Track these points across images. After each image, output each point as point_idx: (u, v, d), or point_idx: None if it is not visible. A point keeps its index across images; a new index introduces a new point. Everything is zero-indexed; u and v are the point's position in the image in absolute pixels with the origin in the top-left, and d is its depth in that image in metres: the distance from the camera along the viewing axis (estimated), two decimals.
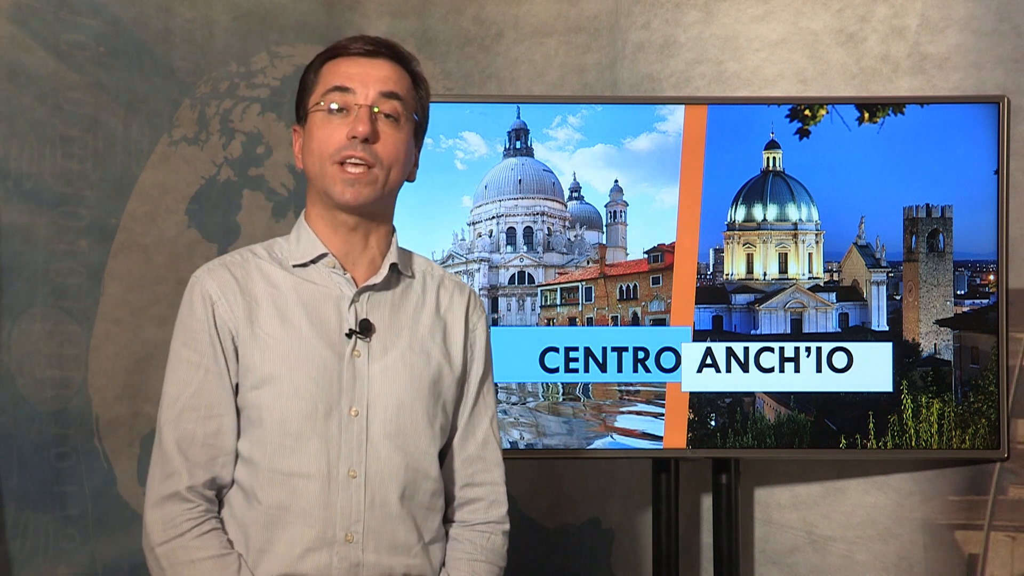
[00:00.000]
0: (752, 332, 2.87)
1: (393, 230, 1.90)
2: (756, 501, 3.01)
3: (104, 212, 2.74)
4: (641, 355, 2.84)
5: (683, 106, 2.83)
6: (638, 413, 2.87)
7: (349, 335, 1.80)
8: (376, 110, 1.78)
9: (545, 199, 2.95)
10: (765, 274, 2.90)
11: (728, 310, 2.87)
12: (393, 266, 1.86)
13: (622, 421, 2.84)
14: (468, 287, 1.98)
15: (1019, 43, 2.83)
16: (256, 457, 1.76)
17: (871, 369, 2.83)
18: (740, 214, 2.88)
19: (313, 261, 1.83)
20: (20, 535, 2.56)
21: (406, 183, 1.88)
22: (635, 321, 2.88)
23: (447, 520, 1.91)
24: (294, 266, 1.83)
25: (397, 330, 1.84)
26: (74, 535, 2.63)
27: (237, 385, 1.79)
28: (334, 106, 1.78)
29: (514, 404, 2.86)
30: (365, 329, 1.80)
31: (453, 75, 3.23)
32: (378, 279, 1.84)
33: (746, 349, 2.84)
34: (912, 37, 2.91)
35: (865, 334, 2.85)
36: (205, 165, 2.95)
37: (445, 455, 1.90)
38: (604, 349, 2.84)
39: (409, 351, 1.83)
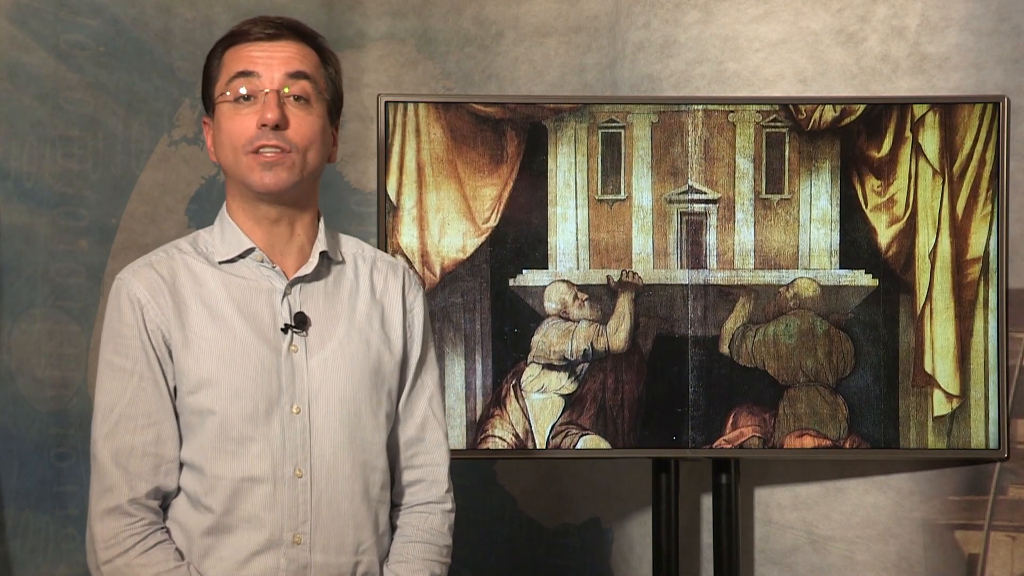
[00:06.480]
0: None
1: (319, 215, 1.84)
2: (756, 501, 3.01)
3: (104, 212, 2.75)
4: None
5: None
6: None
7: (285, 330, 1.74)
8: (285, 91, 1.73)
9: None
10: None
11: None
12: (323, 253, 1.81)
13: None
14: (401, 264, 1.91)
15: (1019, 43, 2.83)
16: (198, 462, 1.71)
17: None
18: None
19: (241, 256, 1.78)
20: (20, 535, 2.56)
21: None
22: None
23: (394, 507, 1.86)
24: (220, 262, 1.77)
25: (333, 320, 1.78)
26: (74, 535, 2.63)
27: (175, 389, 1.73)
28: (243, 91, 1.72)
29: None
30: (300, 323, 1.75)
31: (453, 75, 3.23)
32: (308, 269, 1.78)
33: None
34: (912, 37, 2.91)
35: None
36: (205, 165, 2.95)
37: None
38: None
39: (347, 341, 1.78)
